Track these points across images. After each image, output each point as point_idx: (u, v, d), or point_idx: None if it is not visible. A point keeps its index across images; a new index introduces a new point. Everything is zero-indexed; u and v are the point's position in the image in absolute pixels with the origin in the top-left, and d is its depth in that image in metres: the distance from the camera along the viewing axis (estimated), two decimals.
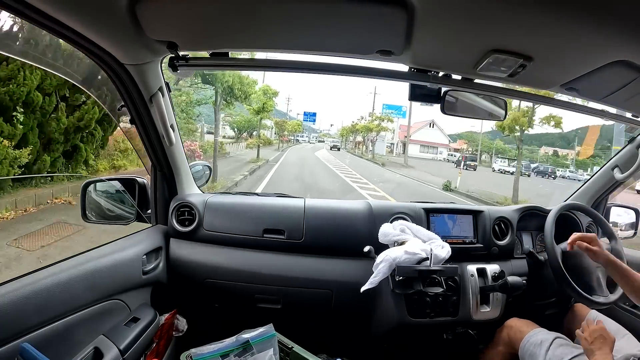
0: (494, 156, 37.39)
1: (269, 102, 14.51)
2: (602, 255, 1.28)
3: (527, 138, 47.26)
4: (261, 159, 16.50)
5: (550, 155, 40.42)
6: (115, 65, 1.12)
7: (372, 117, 30.28)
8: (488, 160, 35.78)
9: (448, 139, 42.93)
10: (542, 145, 42.87)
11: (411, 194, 12.23)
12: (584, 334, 1.25)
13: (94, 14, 0.87)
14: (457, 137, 44.53)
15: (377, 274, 1.41)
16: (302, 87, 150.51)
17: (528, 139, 46.74)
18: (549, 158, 39.14)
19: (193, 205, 1.61)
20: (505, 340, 1.56)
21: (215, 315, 1.67)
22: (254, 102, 13.82)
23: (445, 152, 40.99)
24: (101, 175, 8.06)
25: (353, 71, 1.19)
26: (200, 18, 0.92)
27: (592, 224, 1.88)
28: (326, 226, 1.67)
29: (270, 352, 1.20)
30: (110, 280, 1.19)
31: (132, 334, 1.16)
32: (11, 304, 0.86)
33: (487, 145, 39.29)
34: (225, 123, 24.39)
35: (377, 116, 29.49)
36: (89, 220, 1.53)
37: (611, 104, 1.30)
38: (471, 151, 39.60)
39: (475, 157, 33.55)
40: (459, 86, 1.24)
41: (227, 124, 25.65)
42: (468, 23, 0.84)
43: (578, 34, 0.82)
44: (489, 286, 1.58)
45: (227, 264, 1.58)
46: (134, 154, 9.07)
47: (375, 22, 0.88)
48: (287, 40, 1.06)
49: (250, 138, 24.42)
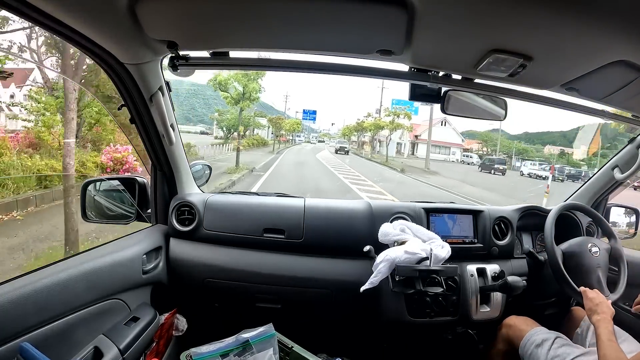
0: (513, 157, 33.95)
1: (250, 86, 11.33)
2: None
3: (529, 137, 46.93)
4: (243, 167, 12.19)
5: (558, 154, 38.11)
6: (116, 64, 1.12)
7: (385, 112, 25.96)
8: (508, 162, 31.20)
9: (461, 138, 39.28)
10: (545, 144, 42.25)
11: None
12: (590, 295, 1.34)
13: (94, 13, 0.87)
14: (466, 136, 42.03)
15: (377, 273, 1.41)
16: (301, 86, 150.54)
17: (529, 138, 46.52)
18: (557, 157, 36.87)
19: (193, 205, 1.61)
20: (505, 339, 1.56)
21: (215, 315, 1.67)
22: (230, 88, 10.82)
23: (458, 152, 37.23)
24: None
25: (353, 71, 1.19)
26: (201, 17, 0.92)
27: (592, 224, 1.89)
28: (326, 226, 1.67)
29: (270, 351, 1.20)
30: (110, 280, 1.19)
31: (132, 333, 1.16)
32: (11, 303, 0.86)
33: (506, 145, 36.84)
34: (211, 122, 20.34)
35: (391, 111, 24.85)
36: (89, 220, 1.54)
37: (611, 104, 1.30)
38: (487, 151, 37.09)
39: (503, 159, 29.27)
40: (459, 86, 1.24)
41: (216, 122, 21.88)
42: (468, 23, 0.84)
43: (578, 34, 0.82)
44: (488, 286, 1.58)
45: (227, 263, 1.58)
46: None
47: (376, 21, 0.88)
48: (287, 39, 1.06)
49: (242, 138, 19.41)
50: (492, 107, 1.38)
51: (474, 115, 1.40)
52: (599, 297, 1.32)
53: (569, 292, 1.45)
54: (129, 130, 1.45)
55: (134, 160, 7.03)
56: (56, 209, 5.77)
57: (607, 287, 1.48)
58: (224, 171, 11.15)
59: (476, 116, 1.41)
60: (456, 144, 38.14)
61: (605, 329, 1.20)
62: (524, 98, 1.31)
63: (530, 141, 43.16)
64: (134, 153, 6.77)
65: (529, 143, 41.05)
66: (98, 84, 5.90)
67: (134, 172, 6.59)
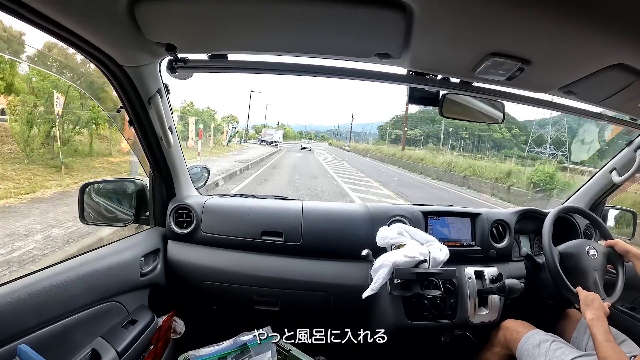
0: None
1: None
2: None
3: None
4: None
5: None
6: (114, 67, 1.12)
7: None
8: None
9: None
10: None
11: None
12: (583, 294, 1.35)
13: (93, 16, 0.87)
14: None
15: (377, 279, 1.39)
16: (300, 92, 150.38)
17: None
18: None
19: (191, 208, 1.61)
20: (501, 341, 1.56)
21: (213, 318, 1.67)
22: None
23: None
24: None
25: (351, 74, 1.19)
26: (199, 20, 0.92)
27: (589, 227, 1.89)
28: (324, 229, 1.67)
29: (268, 354, 1.20)
30: (108, 282, 1.19)
31: (130, 336, 1.16)
32: (9, 305, 0.86)
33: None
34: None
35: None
36: (87, 222, 1.53)
37: (609, 107, 1.31)
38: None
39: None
40: (457, 89, 1.24)
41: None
42: (466, 26, 0.84)
43: (576, 38, 0.82)
44: (486, 289, 1.58)
45: (225, 266, 1.58)
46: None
47: (374, 25, 0.89)
48: (285, 43, 1.06)
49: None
50: (490, 110, 1.38)
51: (472, 118, 1.40)
52: (592, 296, 1.33)
53: (565, 292, 1.46)
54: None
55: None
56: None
57: (605, 290, 1.48)
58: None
59: (474, 119, 1.41)
60: None
61: (600, 328, 1.21)
62: (522, 101, 1.32)
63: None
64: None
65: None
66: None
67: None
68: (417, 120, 63.50)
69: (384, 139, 63.56)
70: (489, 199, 13.53)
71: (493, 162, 21.90)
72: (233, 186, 9.77)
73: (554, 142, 30.50)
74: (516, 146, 48.31)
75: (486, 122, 1.43)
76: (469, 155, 33.39)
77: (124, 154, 10.38)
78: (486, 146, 51.38)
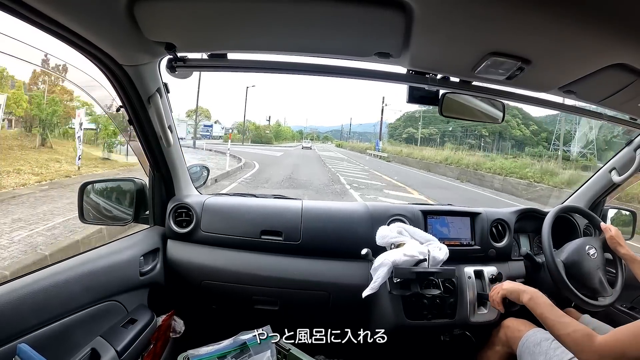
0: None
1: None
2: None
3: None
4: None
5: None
6: (113, 66, 1.12)
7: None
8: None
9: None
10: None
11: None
12: (496, 289, 1.41)
13: (92, 15, 0.87)
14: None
15: (377, 278, 1.39)
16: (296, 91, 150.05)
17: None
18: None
19: (190, 207, 1.61)
20: (502, 340, 1.56)
21: (212, 317, 1.67)
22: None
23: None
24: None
25: (351, 73, 1.19)
26: (199, 19, 0.92)
27: (589, 226, 1.89)
28: (324, 228, 1.66)
29: (267, 353, 1.20)
30: (107, 282, 1.19)
31: (130, 335, 1.16)
32: (9, 304, 0.86)
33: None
34: None
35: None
36: (86, 221, 1.53)
37: (609, 106, 1.31)
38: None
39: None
40: (457, 88, 1.24)
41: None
42: (466, 26, 0.84)
43: (576, 37, 0.82)
44: (486, 294, 1.57)
45: (225, 265, 1.58)
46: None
47: (374, 24, 0.88)
48: (285, 42, 1.06)
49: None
50: (490, 109, 1.38)
51: (471, 117, 1.39)
52: (516, 286, 1.34)
53: (567, 294, 1.46)
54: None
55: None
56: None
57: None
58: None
59: (474, 118, 1.40)
60: None
61: (544, 306, 1.20)
62: (522, 100, 1.32)
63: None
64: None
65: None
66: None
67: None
68: (431, 118, 57.65)
69: (394, 139, 61.52)
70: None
71: (527, 162, 18.63)
72: None
73: (579, 139, 29.52)
74: (539, 144, 45.98)
75: (486, 121, 1.42)
76: (497, 154, 30.91)
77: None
78: (507, 144, 48.62)
